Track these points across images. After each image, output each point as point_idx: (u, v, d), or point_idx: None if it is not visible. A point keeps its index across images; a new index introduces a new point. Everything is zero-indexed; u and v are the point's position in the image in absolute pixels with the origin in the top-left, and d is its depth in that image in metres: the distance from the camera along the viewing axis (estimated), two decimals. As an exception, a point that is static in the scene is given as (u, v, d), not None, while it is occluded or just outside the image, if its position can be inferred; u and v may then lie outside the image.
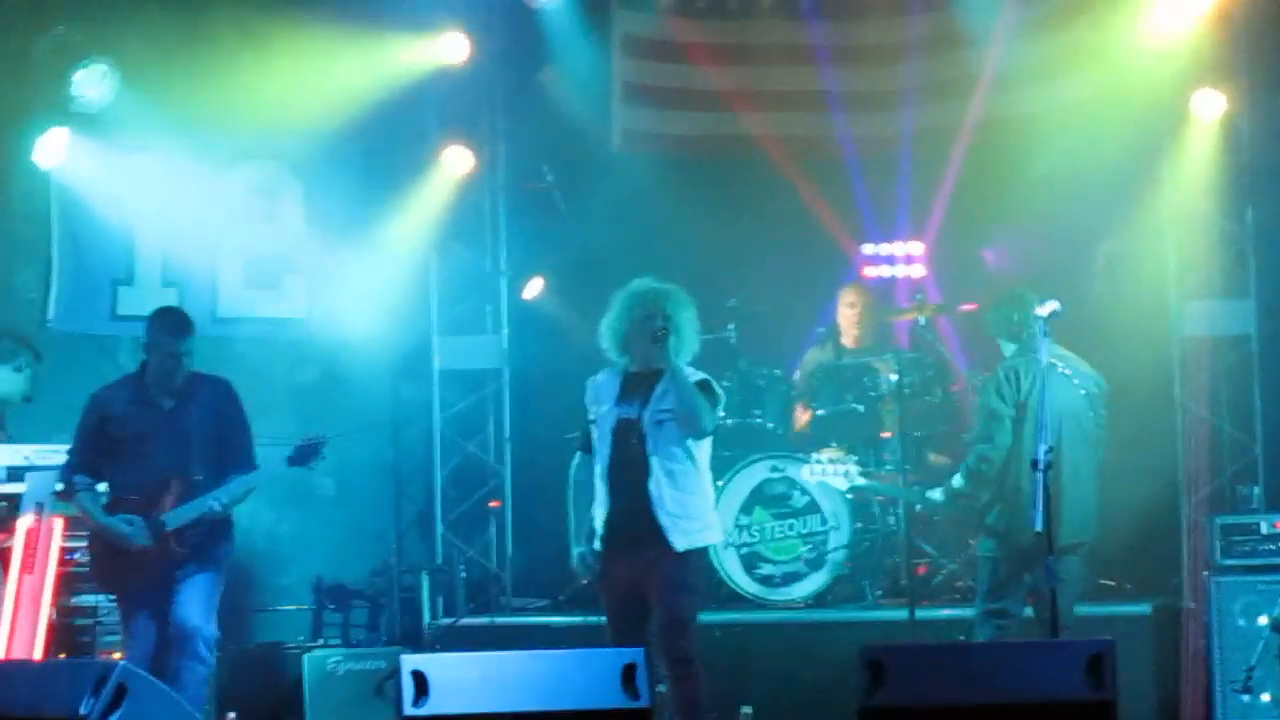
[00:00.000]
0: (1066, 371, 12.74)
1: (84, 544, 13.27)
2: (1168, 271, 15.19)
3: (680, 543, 11.78)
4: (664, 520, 11.76)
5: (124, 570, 12.24)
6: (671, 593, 11.78)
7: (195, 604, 12.21)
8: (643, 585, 11.83)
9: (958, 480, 13.41)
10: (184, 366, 12.41)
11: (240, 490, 12.43)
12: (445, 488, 16.63)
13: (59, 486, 12.72)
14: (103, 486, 12.36)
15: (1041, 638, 12.39)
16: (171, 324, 12.51)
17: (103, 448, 12.40)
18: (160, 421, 12.37)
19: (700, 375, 12.04)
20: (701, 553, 12.17)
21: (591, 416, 12.09)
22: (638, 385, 11.98)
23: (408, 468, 17.01)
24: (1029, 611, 13.01)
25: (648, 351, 11.89)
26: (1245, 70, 14.96)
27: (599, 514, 11.98)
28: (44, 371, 15.34)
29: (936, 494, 13.92)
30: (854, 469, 14.17)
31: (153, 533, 12.10)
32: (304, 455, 12.73)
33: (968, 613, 13.83)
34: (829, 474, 14.21)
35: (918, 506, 14.83)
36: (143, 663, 11.86)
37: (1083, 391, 12.80)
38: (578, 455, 12.28)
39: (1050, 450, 11.56)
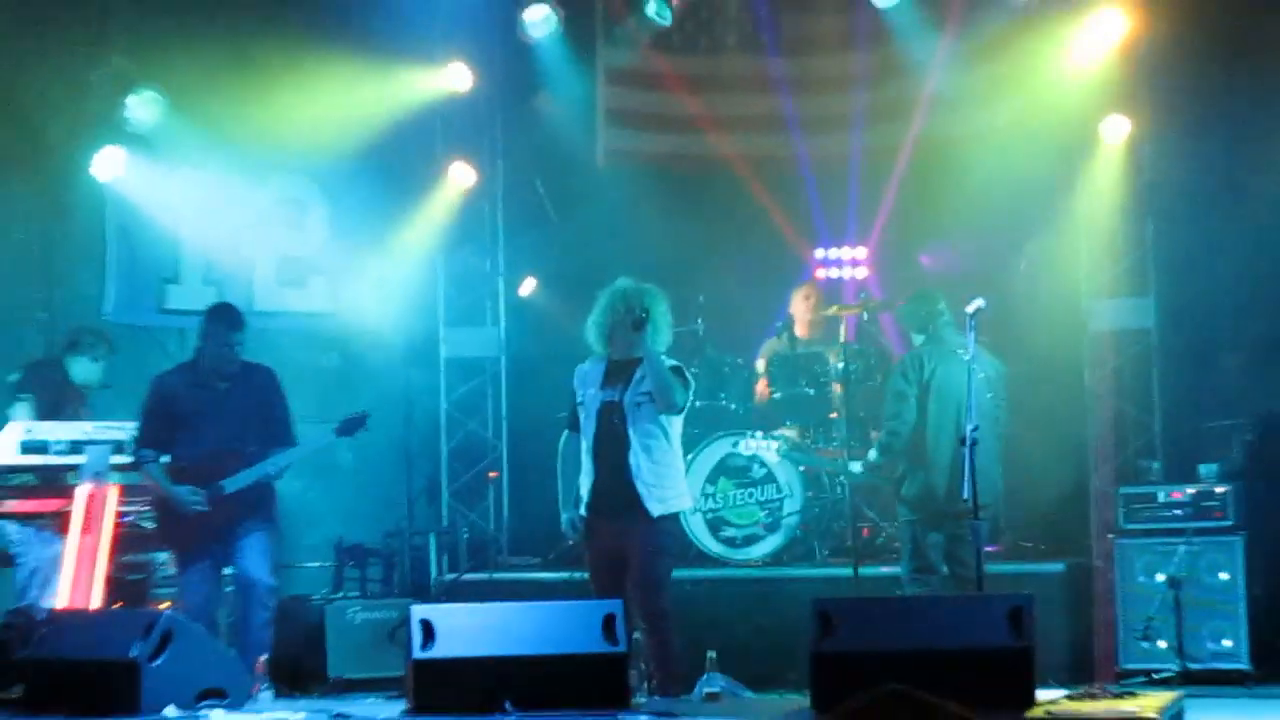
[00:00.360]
0: (975, 355, 12.80)
1: (135, 509, 13.33)
2: (1079, 273, 15.20)
3: (656, 509, 11.90)
4: (642, 490, 11.87)
5: (184, 531, 12.47)
6: (648, 555, 11.88)
7: (256, 559, 12.52)
8: (623, 546, 11.90)
9: (873, 454, 13.68)
10: (237, 355, 12.70)
11: (287, 460, 12.73)
12: (450, 460, 16.64)
13: (122, 460, 12.81)
14: (166, 459, 12.49)
15: (957, 593, 12.47)
16: (229, 319, 12.80)
17: (165, 425, 12.58)
18: (215, 402, 12.64)
19: (673, 362, 12.13)
20: (675, 518, 12.25)
21: (578, 399, 12.17)
22: (619, 372, 12.07)
23: (417, 443, 16.98)
24: (945, 569, 13.07)
25: (628, 340, 11.96)
26: (1147, 99, 14.95)
27: (585, 484, 12.07)
28: (103, 358, 15.41)
29: (856, 466, 14.10)
30: (782, 444, 14.53)
31: (210, 499, 12.33)
32: (349, 427, 13.12)
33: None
34: (762, 448, 14.45)
35: (840, 477, 14.94)
36: (194, 611, 12.08)
37: (981, 375, 12.81)
38: (565, 433, 12.39)
39: (975, 429, 11.67)
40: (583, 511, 12.12)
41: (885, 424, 13.45)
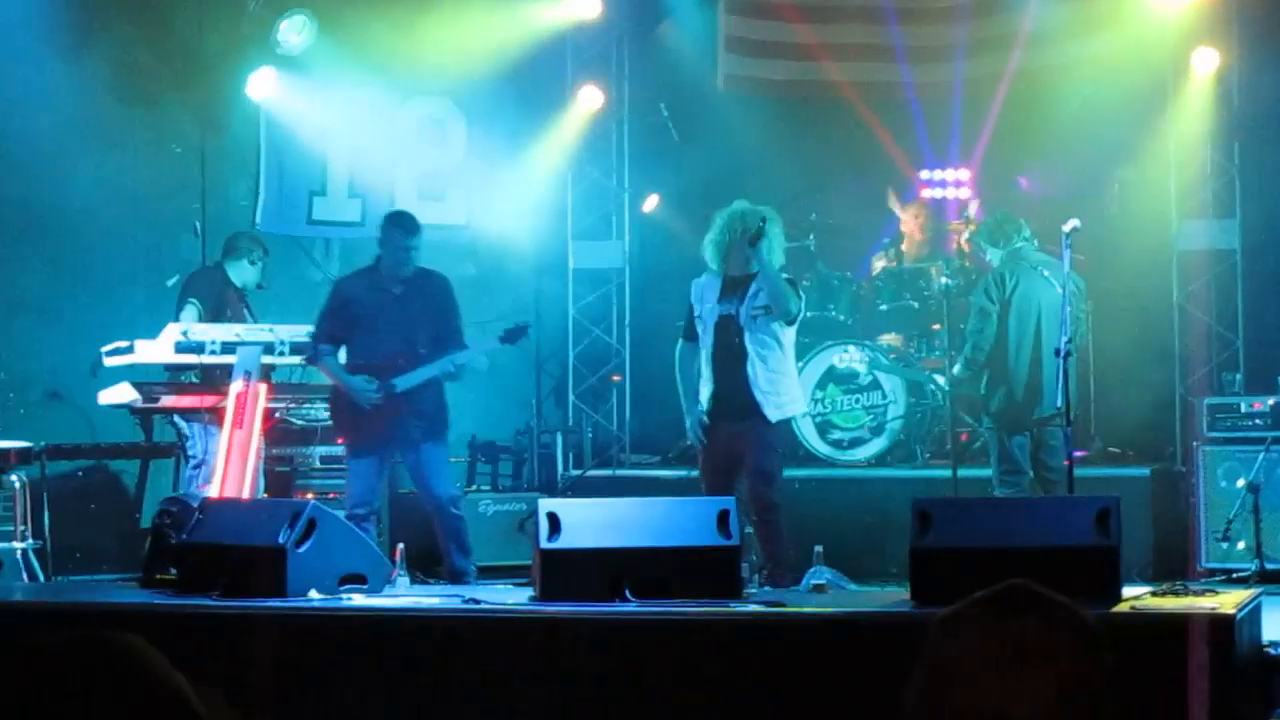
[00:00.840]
0: (1047, 274, 12.79)
1: (283, 404, 13.45)
2: (1169, 197, 15.18)
3: (774, 415, 12.15)
4: (759, 397, 12.09)
5: (358, 423, 12.61)
6: (762, 453, 12.12)
7: (439, 476, 12.77)
8: (738, 447, 12.05)
9: (957, 369, 13.76)
10: (412, 260, 12.74)
11: (456, 363, 12.75)
12: (576, 365, 16.72)
13: (271, 360, 12.96)
14: (342, 355, 12.77)
15: (1046, 495, 12.49)
16: (405, 224, 12.87)
17: (343, 325, 12.78)
18: (392, 304, 12.73)
19: (786, 275, 12.22)
20: (788, 422, 12.39)
21: (696, 313, 12.32)
22: (735, 287, 12.19)
23: (546, 348, 17.09)
24: (1031, 473, 13.11)
25: (744, 257, 12.11)
26: (1235, 33, 14.91)
27: (705, 391, 12.26)
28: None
29: (940, 381, 14.21)
30: (873, 356, 15.03)
31: (384, 393, 12.43)
32: (512, 336, 13.18)
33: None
34: (854, 360, 14.72)
35: (929, 387, 15.00)
36: (357, 498, 12.58)
37: (1059, 290, 12.82)
38: (680, 343, 12.55)
39: (1069, 340, 11.70)
40: (704, 418, 12.26)
41: (969, 339, 13.51)
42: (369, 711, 9.12)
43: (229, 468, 12.78)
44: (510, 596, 10.56)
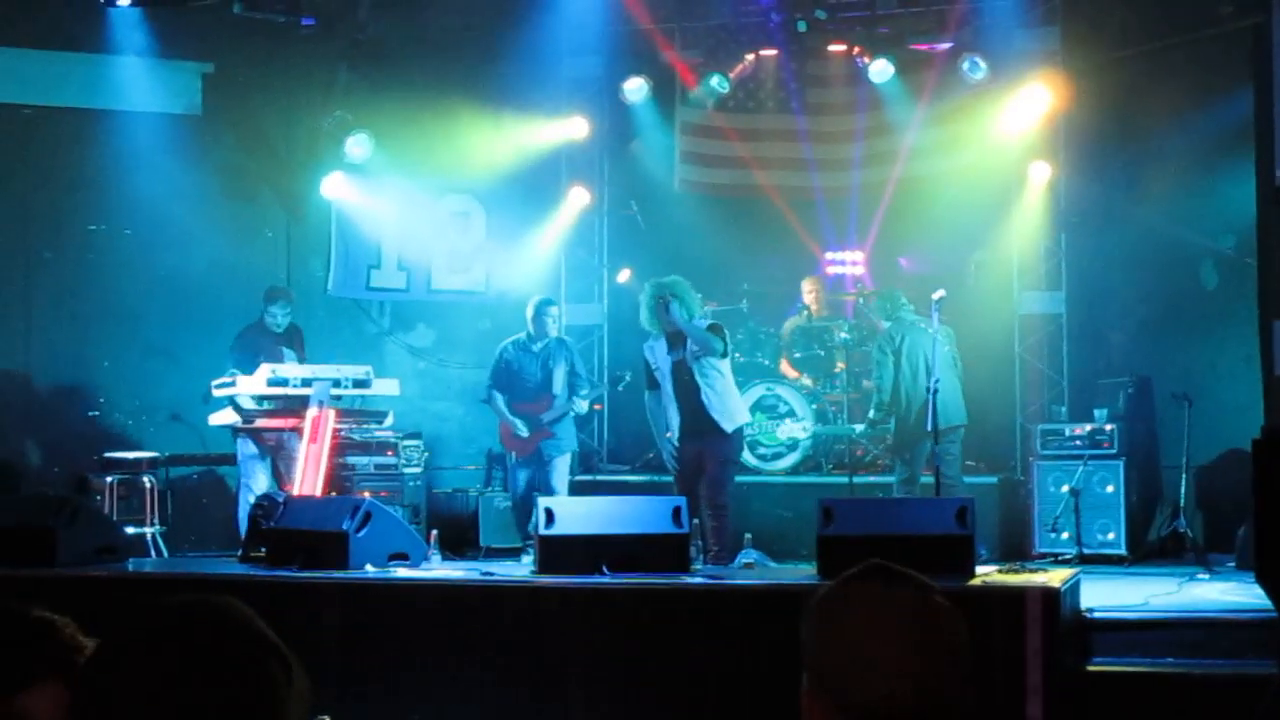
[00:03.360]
0: (933, 331, 12.86)
1: (348, 425, 13.43)
2: (1012, 273, 15.23)
3: (728, 426, 12.31)
4: (716, 416, 12.19)
5: (516, 445, 13.54)
6: (718, 465, 12.28)
7: (560, 477, 13.59)
8: (702, 458, 12.11)
9: (872, 413, 13.93)
10: (547, 330, 13.62)
11: (584, 398, 13.84)
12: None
13: (340, 391, 12.95)
14: (501, 398, 13.52)
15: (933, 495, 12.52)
16: (545, 305, 13.88)
17: (504, 375, 13.58)
18: (536, 360, 13.55)
19: (709, 321, 12.42)
20: (740, 430, 12.45)
21: (654, 366, 12.57)
22: (676, 340, 12.34)
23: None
24: (928, 479, 13.13)
25: (669, 320, 12.18)
26: (1062, 151, 14.97)
27: (674, 421, 12.42)
28: (321, 319, 15.60)
29: (860, 427, 14.31)
30: (809, 424, 14.88)
31: (532, 427, 13.35)
32: (615, 381, 14.87)
33: (887, 479, 13.93)
34: (794, 430, 14.81)
35: (853, 435, 15.07)
36: (516, 497, 13.73)
37: (944, 340, 13.01)
38: (646, 393, 12.84)
39: (937, 380, 11.79)
40: (675, 441, 12.35)
41: (874, 390, 13.66)
42: (409, 657, 9.11)
43: (306, 472, 12.77)
44: (517, 570, 10.56)
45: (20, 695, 2.94)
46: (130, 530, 12.48)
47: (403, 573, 9.81)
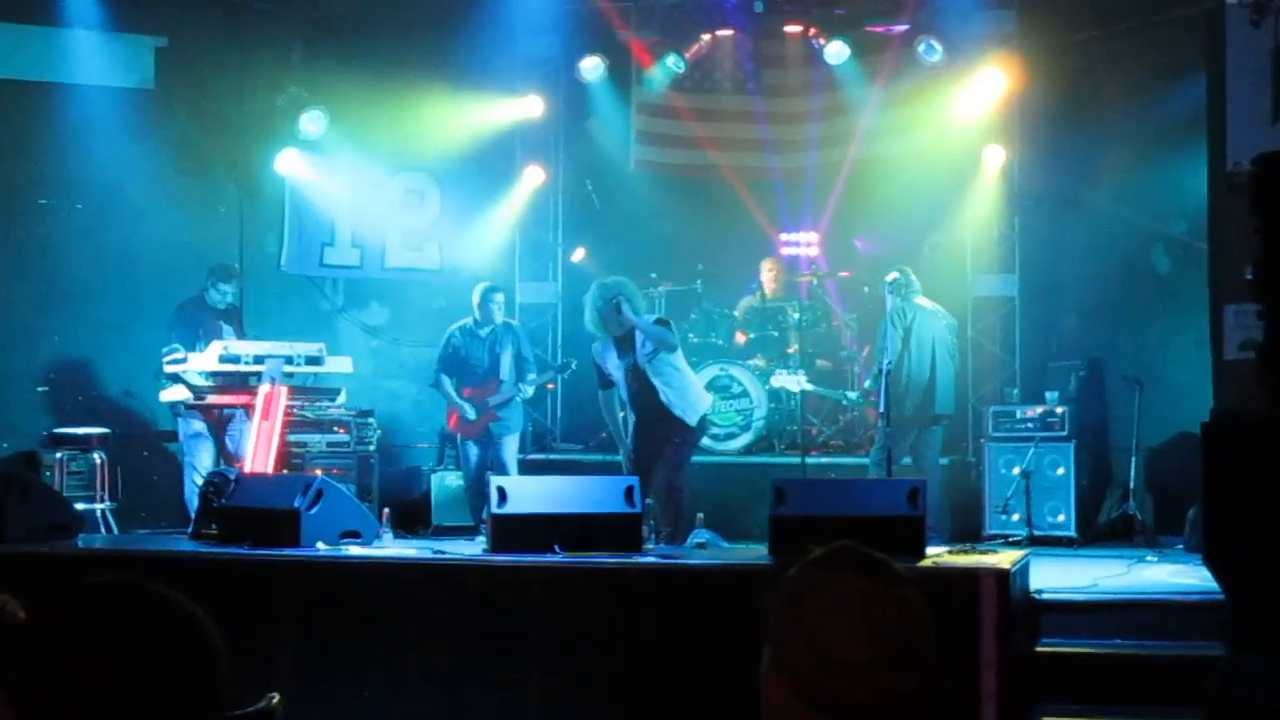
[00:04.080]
0: (937, 312, 12.92)
1: (298, 404, 13.38)
2: (966, 256, 15.28)
3: (692, 419, 12.35)
4: (677, 412, 12.24)
5: (464, 427, 13.68)
6: (675, 449, 12.31)
7: (509, 455, 13.74)
8: (663, 444, 12.15)
9: (868, 383, 13.83)
10: (493, 316, 13.71)
11: (530, 384, 13.97)
12: (521, 375, 16.73)
13: (291, 368, 12.89)
14: (449, 382, 13.63)
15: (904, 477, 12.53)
16: (493, 290, 13.94)
17: (452, 360, 13.67)
18: (484, 345, 13.68)
19: (657, 315, 12.44)
20: (704, 419, 12.52)
21: (605, 370, 12.54)
22: (625, 344, 12.34)
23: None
24: (908, 461, 13.19)
25: (618, 322, 12.16)
26: (1016, 135, 15.02)
27: (630, 423, 12.51)
28: (275, 296, 15.59)
29: (853, 395, 14.29)
30: (804, 379, 14.61)
31: (480, 411, 13.52)
32: (562, 368, 14.94)
33: (840, 459, 13.96)
34: (788, 382, 14.49)
35: (842, 402, 15.05)
36: (468, 473, 13.81)
37: (945, 323, 13.05)
38: (600, 392, 12.90)
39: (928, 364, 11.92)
40: (630, 441, 12.50)
41: (878, 356, 13.32)
42: (361, 635, 9.10)
43: (257, 450, 12.74)
44: (468, 549, 10.55)
45: None
46: (80, 507, 12.41)
47: (355, 551, 9.79)
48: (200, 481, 12.55)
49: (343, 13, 15.66)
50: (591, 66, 16.24)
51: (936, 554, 9.23)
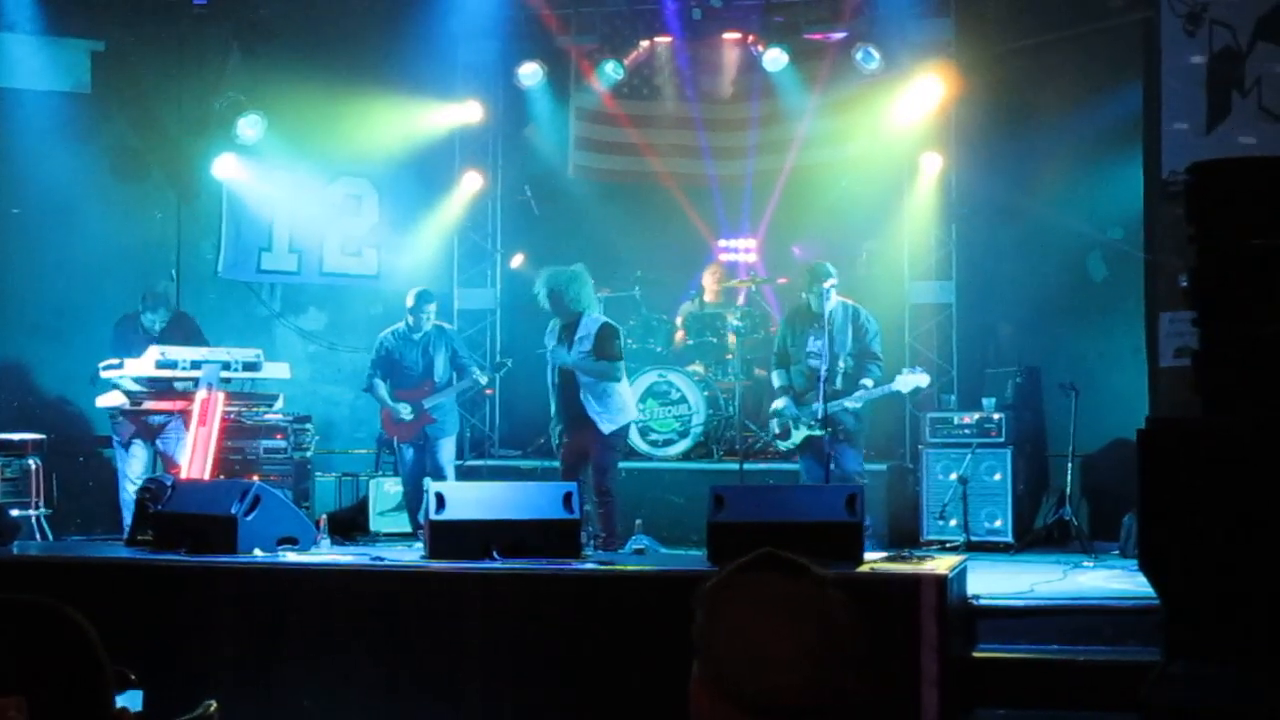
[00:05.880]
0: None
1: (235, 409, 13.32)
2: (903, 262, 15.29)
3: (606, 428, 12.09)
4: (593, 416, 12.11)
5: (399, 430, 13.50)
6: (601, 452, 12.14)
7: (446, 458, 13.64)
8: (585, 447, 12.04)
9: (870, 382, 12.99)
10: (428, 318, 13.54)
11: (468, 385, 13.84)
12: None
13: (229, 374, 12.80)
14: (384, 385, 13.46)
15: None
16: (426, 296, 13.69)
17: (386, 364, 13.49)
18: (417, 348, 13.51)
19: (602, 320, 12.36)
20: (623, 429, 12.39)
21: (546, 350, 12.37)
22: (567, 333, 12.24)
23: (437, 368, 17.03)
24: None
25: (564, 309, 12.14)
26: (953, 143, 15.03)
27: (553, 410, 12.41)
28: (212, 301, 15.52)
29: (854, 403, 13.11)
30: (804, 430, 13.04)
31: (416, 412, 13.32)
32: (497, 368, 14.88)
33: (778, 466, 13.91)
34: (919, 380, 13.04)
35: (721, 400, 15.12)
36: (407, 480, 13.62)
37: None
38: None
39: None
40: (555, 430, 12.43)
41: (879, 362, 13.03)
42: (300, 642, 9.07)
43: (194, 456, 12.67)
44: (406, 556, 10.51)
45: None
46: (15, 513, 12.31)
47: (292, 557, 9.77)
48: (133, 488, 12.49)
49: (280, 17, 15.60)
50: (530, 73, 16.22)
51: (875, 559, 9.24)
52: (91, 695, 2.74)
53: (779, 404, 13.12)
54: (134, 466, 13.30)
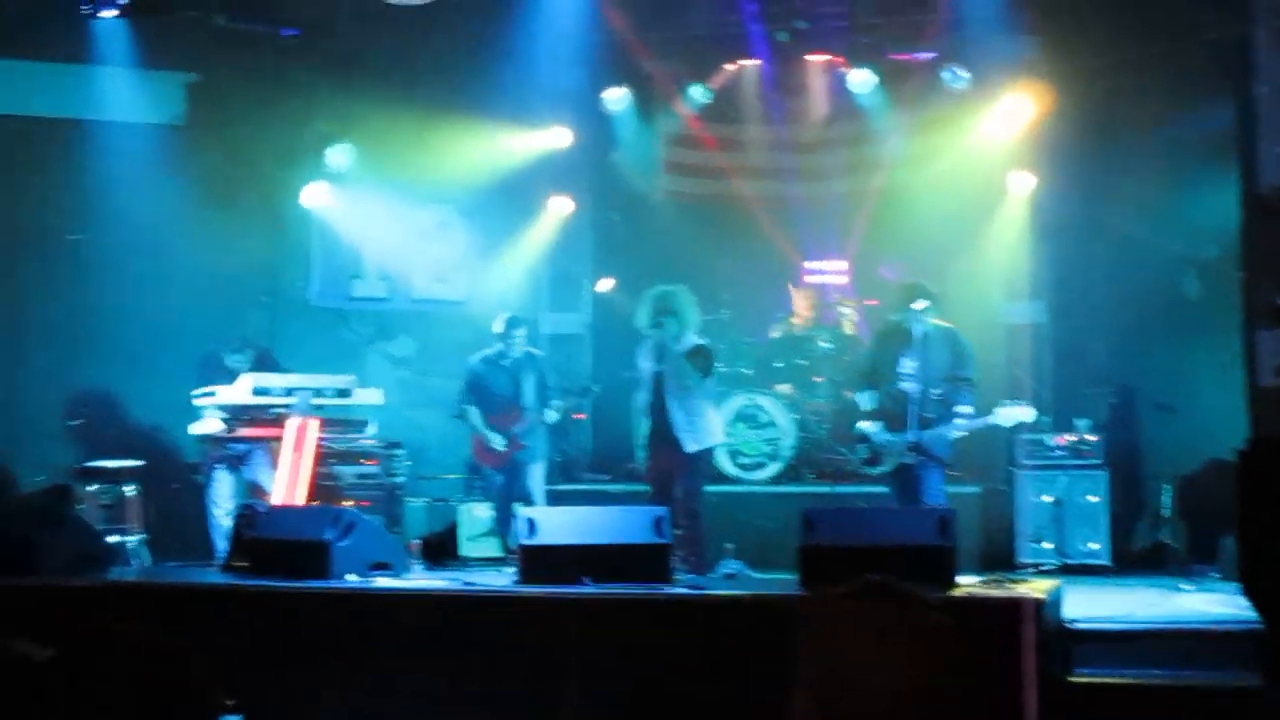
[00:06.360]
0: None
1: (328, 436, 13.35)
2: (992, 283, 15.21)
3: (691, 447, 12.09)
4: (679, 434, 12.15)
5: (489, 457, 13.72)
6: (688, 475, 12.17)
7: (535, 484, 13.80)
8: (672, 468, 12.03)
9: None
10: (518, 343, 13.70)
11: (555, 409, 13.86)
12: (549, 407, 16.70)
13: (322, 400, 12.84)
14: (476, 412, 13.70)
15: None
16: (516, 321, 13.85)
17: (476, 389, 13.77)
18: (506, 374, 13.67)
19: (696, 341, 12.28)
20: (708, 450, 12.32)
21: (639, 369, 12.38)
22: (662, 352, 12.23)
23: (527, 393, 17.07)
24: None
25: (665, 333, 12.17)
26: (1041, 162, 14.95)
27: (645, 430, 12.46)
28: (302, 328, 15.65)
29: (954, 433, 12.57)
30: (895, 459, 12.41)
31: (508, 439, 13.58)
32: (584, 393, 14.92)
33: (868, 489, 13.78)
34: (1021, 414, 12.35)
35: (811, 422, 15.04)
36: (497, 500, 13.47)
37: None
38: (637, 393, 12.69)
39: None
40: (645, 452, 12.49)
41: (973, 387, 12.45)
42: (392, 667, 9.07)
43: (288, 481, 12.72)
44: (498, 581, 10.51)
45: None
46: (112, 539, 12.41)
47: (384, 583, 9.77)
48: (220, 513, 12.59)
49: (369, 47, 15.69)
50: (616, 97, 16.29)
51: (969, 584, 9.16)
52: None
53: (869, 426, 12.58)
54: (221, 492, 13.42)
